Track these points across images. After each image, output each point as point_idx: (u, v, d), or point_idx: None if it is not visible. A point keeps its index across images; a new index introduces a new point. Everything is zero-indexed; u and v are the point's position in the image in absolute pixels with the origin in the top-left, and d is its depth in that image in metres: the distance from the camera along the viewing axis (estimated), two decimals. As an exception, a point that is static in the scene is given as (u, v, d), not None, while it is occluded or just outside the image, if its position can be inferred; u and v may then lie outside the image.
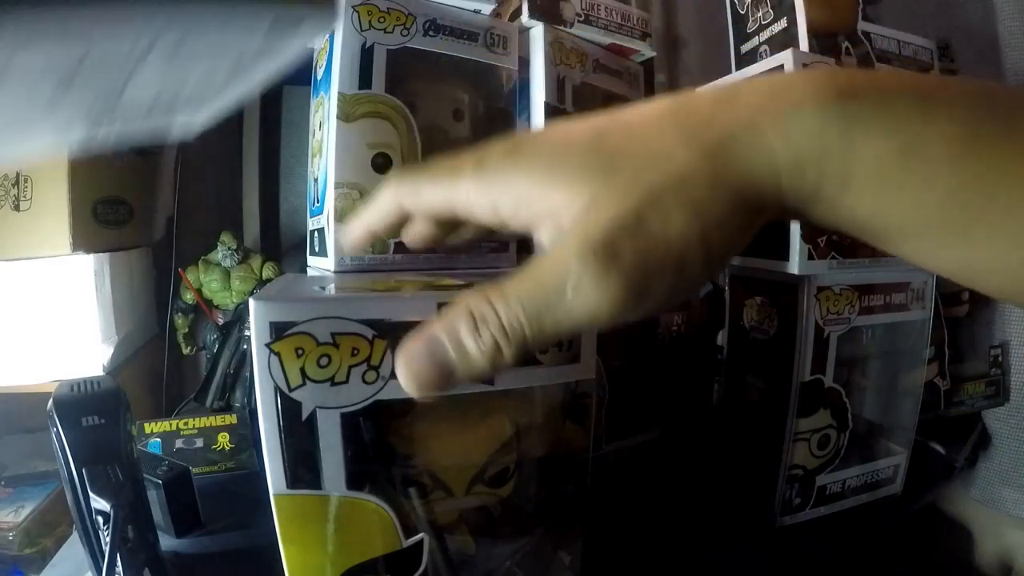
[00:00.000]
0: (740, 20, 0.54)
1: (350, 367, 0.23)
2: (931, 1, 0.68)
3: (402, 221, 0.23)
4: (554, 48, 0.45)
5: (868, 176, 0.17)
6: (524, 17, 0.45)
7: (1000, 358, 0.64)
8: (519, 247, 0.44)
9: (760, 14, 0.51)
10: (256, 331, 0.22)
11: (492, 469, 0.28)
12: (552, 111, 0.45)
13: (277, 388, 0.22)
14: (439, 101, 0.44)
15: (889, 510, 0.50)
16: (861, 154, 0.17)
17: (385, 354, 0.23)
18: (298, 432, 0.23)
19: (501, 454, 0.28)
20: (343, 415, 0.23)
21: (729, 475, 0.52)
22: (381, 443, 0.26)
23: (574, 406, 0.29)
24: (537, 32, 0.45)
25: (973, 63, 0.64)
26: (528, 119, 0.46)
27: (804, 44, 0.46)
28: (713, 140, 0.18)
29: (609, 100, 0.51)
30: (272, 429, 0.23)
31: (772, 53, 0.49)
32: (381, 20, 0.39)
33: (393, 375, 0.23)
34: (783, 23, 0.48)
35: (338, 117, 0.37)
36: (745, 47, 0.53)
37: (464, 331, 0.18)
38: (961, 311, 0.65)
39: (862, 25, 0.49)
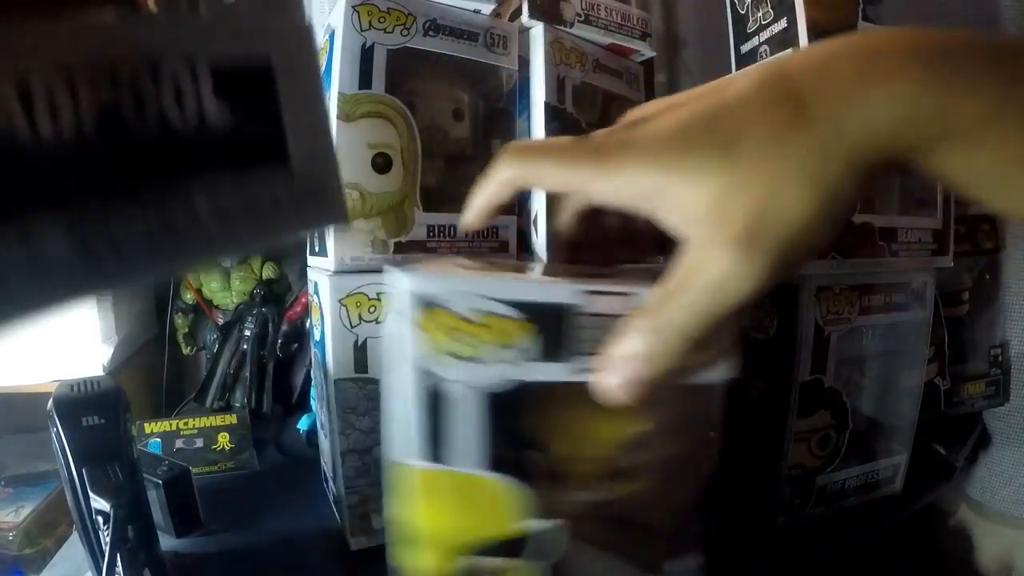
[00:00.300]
0: (740, 20, 0.54)
1: (492, 346, 0.23)
2: (931, 1, 0.68)
3: (519, 195, 0.25)
4: (554, 48, 0.45)
5: (959, 135, 0.18)
6: (524, 17, 0.45)
7: (1000, 358, 0.64)
8: (518, 247, 0.44)
9: (760, 14, 0.51)
10: (401, 304, 0.22)
11: (620, 465, 0.28)
12: (552, 111, 0.45)
13: (416, 361, 0.22)
14: (439, 101, 0.44)
15: (889, 510, 0.50)
16: (954, 115, 0.18)
17: (529, 337, 0.23)
18: (432, 407, 0.23)
19: (630, 451, 0.28)
20: (480, 394, 0.23)
21: (729, 475, 0.52)
22: (513, 425, 0.25)
23: (708, 409, 0.29)
24: (537, 32, 0.45)
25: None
26: (528, 119, 0.46)
27: (804, 44, 0.46)
28: (819, 116, 0.19)
29: (609, 100, 0.51)
30: (406, 402, 0.23)
31: (772, 53, 0.49)
32: (381, 20, 0.39)
33: (533, 358, 0.23)
34: (783, 23, 0.48)
35: (338, 117, 0.37)
36: (745, 47, 0.53)
37: (648, 344, 0.21)
38: (961, 311, 0.65)
39: (862, 25, 0.49)
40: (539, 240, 0.44)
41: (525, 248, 0.45)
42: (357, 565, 0.41)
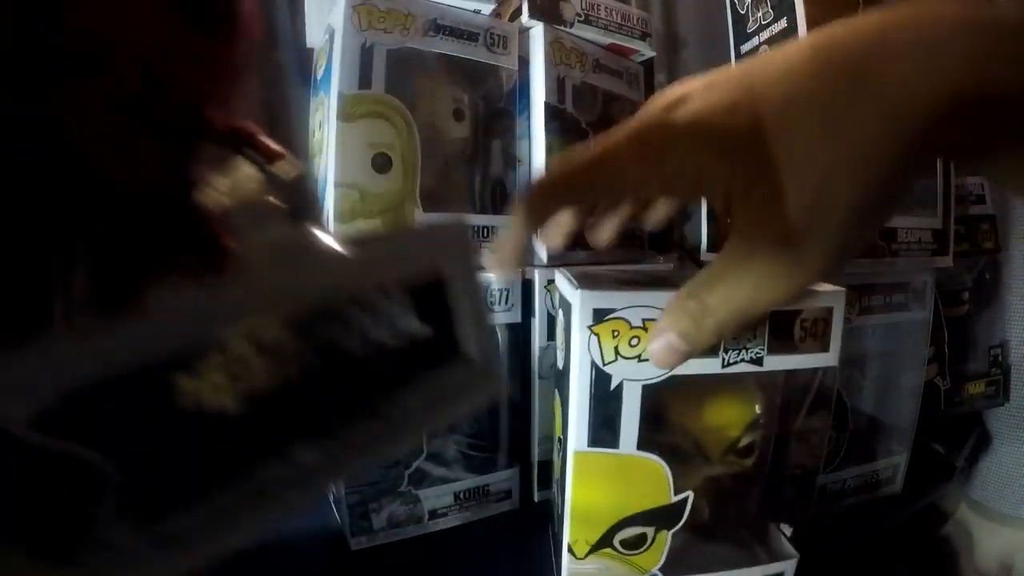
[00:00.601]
0: (740, 20, 0.54)
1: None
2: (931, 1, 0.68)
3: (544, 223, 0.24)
4: (554, 48, 0.45)
5: (1011, 123, 0.17)
6: (524, 17, 0.45)
7: (1000, 358, 0.64)
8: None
9: (760, 14, 0.51)
10: (580, 315, 0.26)
11: (742, 441, 0.33)
12: (552, 111, 0.45)
13: (593, 363, 0.27)
14: (439, 101, 0.44)
15: (889, 510, 0.50)
16: (1009, 94, 0.17)
17: None
18: (606, 400, 0.27)
19: (750, 428, 0.33)
20: (640, 386, 0.28)
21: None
22: (662, 412, 0.30)
23: (818, 392, 0.34)
24: (537, 32, 0.45)
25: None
26: (528, 119, 0.46)
27: (804, 44, 0.46)
28: (877, 92, 0.17)
29: (609, 100, 0.51)
30: (583, 397, 0.27)
31: (772, 53, 0.49)
32: (381, 20, 0.39)
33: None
34: (783, 23, 0.48)
35: (338, 117, 0.37)
36: (745, 47, 0.53)
37: (685, 325, 0.22)
38: (961, 311, 0.65)
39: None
40: (539, 240, 0.44)
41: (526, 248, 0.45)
42: (357, 565, 0.41)
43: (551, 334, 0.43)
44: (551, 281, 0.43)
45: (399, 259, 0.14)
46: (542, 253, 0.44)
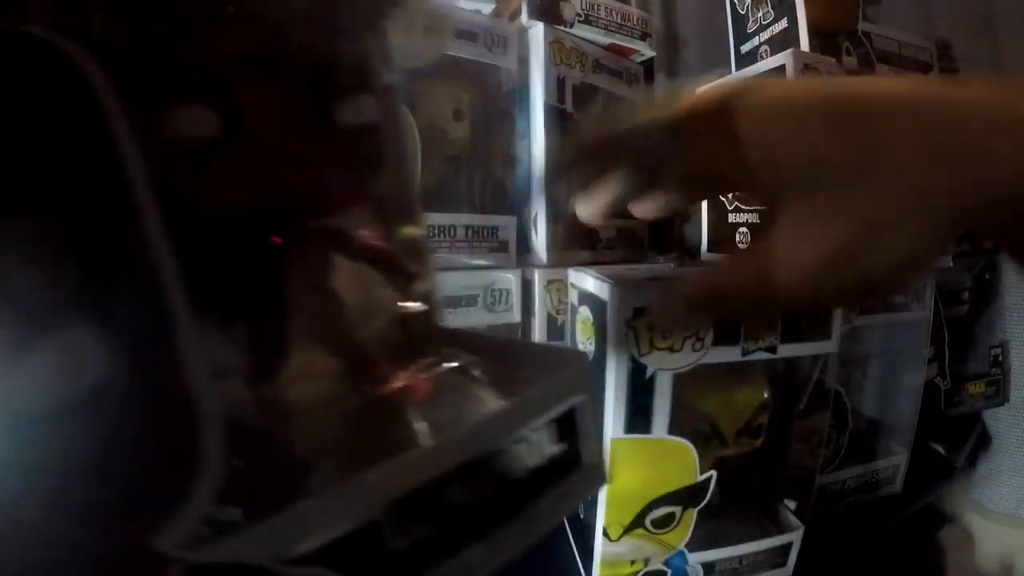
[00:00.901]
0: (740, 20, 0.54)
1: (684, 338, 0.29)
2: (931, 1, 0.68)
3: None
4: (554, 48, 0.45)
5: None
6: (524, 17, 0.45)
7: (1000, 358, 0.64)
8: (518, 248, 0.44)
9: (760, 14, 0.51)
10: (617, 311, 0.28)
11: (753, 423, 0.35)
12: (552, 111, 0.45)
13: (630, 355, 0.28)
14: (439, 101, 0.44)
15: (889, 510, 0.50)
16: None
17: (708, 329, 0.29)
18: (641, 388, 0.29)
19: (760, 410, 0.35)
20: (671, 375, 0.30)
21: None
22: (689, 398, 0.32)
23: (819, 390, 0.36)
24: (537, 32, 0.45)
25: (973, 63, 0.64)
26: (528, 119, 0.46)
27: (805, 44, 0.46)
28: (960, 159, 0.17)
29: (609, 100, 0.51)
30: (620, 387, 0.29)
31: (772, 53, 0.49)
32: (381, 20, 0.39)
33: (711, 344, 0.29)
34: (783, 23, 0.48)
35: (338, 117, 0.37)
36: (745, 47, 0.53)
37: (697, 302, 0.23)
38: (961, 311, 0.65)
39: (862, 25, 0.49)
40: (539, 240, 0.44)
41: (525, 248, 0.45)
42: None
43: (551, 334, 0.43)
44: (551, 281, 0.43)
45: (546, 404, 0.17)
46: (542, 254, 0.44)
